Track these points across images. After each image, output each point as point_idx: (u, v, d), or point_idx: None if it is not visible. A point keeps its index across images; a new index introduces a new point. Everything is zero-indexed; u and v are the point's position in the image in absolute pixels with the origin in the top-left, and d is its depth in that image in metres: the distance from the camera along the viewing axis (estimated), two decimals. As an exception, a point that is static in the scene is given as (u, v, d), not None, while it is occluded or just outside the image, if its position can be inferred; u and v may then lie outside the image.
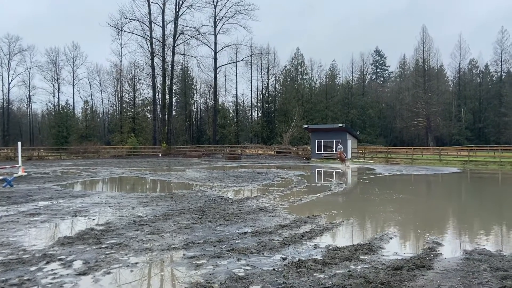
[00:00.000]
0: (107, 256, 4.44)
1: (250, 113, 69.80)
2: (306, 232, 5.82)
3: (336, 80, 68.87)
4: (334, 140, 32.63)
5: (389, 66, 75.52)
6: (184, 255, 4.56)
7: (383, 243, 5.27)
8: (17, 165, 18.14)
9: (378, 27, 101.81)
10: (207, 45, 53.20)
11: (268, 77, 64.65)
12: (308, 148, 37.27)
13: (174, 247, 4.87)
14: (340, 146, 24.55)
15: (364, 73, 71.01)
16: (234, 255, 4.53)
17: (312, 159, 33.67)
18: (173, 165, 26.22)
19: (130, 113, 58.37)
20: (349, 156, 30.87)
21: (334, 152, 29.65)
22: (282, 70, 65.82)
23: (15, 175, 14.88)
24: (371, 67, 73.87)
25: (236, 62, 60.63)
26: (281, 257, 4.48)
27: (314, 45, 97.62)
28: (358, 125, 61.02)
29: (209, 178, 15.49)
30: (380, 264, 4.28)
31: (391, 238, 5.60)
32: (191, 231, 5.78)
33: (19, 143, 19.99)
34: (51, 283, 3.53)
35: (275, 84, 65.64)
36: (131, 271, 4.02)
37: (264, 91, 65.63)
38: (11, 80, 61.51)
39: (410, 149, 34.70)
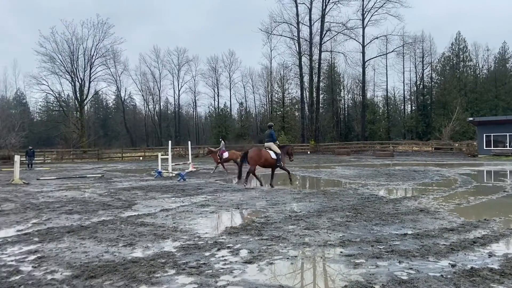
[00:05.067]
0: (269, 247, 4.71)
1: (402, 107, 65.49)
2: (478, 237, 5.15)
3: (507, 65, 59.25)
4: (508, 134, 28.13)
5: None
6: (341, 252, 4.53)
7: None
8: (188, 162, 20.81)
9: None
10: (354, 39, 52.09)
11: (423, 67, 59.70)
12: (474, 143, 33.07)
13: (330, 244, 4.89)
14: None
15: (547, 54, 59.33)
16: (394, 257, 4.30)
17: (479, 156, 29.70)
18: (322, 162, 26.41)
19: (280, 112, 61.05)
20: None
21: (508, 148, 25.58)
22: (439, 58, 59.92)
23: (186, 171, 17.08)
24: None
25: (386, 54, 57.73)
26: (449, 263, 4.06)
27: (479, 28, 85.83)
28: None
29: (360, 175, 15.10)
30: None
31: None
32: (346, 229, 5.71)
33: (189, 142, 22.88)
34: (223, 268, 3.92)
35: (431, 74, 60.20)
36: (292, 263, 4.19)
37: (418, 83, 60.80)
38: (180, 88, 70.96)
39: None
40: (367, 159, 30.48)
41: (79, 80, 55.23)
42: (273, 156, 11.51)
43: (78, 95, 55.85)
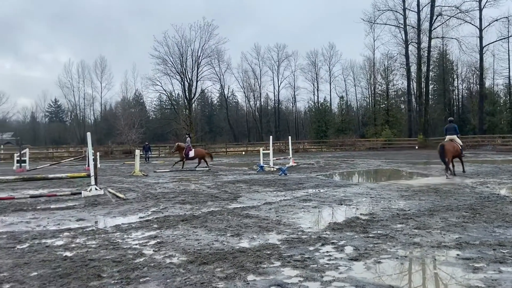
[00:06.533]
0: (375, 245, 4.53)
1: (529, 95, 57.44)
2: None
3: None
4: None
5: None
6: (457, 255, 4.16)
7: None
8: (288, 157, 21.05)
9: None
10: (469, 23, 47.09)
11: (555, 49, 51.50)
12: None
13: (445, 245, 4.51)
14: None
15: None
16: (523, 263, 3.80)
17: None
18: (432, 157, 24.51)
19: (384, 105, 58.17)
20: None
21: None
22: None
23: (287, 165, 17.28)
24: None
25: (508, 37, 51.02)
26: None
27: None
28: None
29: (477, 172, 13.66)
30: None
31: None
32: (463, 230, 5.22)
33: (289, 137, 23.09)
34: (328, 264, 3.87)
35: None
36: (401, 263, 3.97)
37: (549, 67, 52.67)
38: (280, 83, 71.94)
39: None
40: (486, 154, 27.45)
41: (188, 80, 59.48)
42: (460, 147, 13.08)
43: (187, 94, 60.24)
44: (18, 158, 21.27)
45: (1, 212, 7.40)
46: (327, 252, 4.30)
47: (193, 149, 19.21)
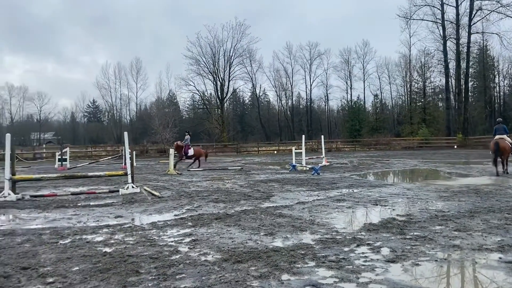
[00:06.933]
0: (413, 247, 4.41)
1: None
2: None
3: None
4: None
5: None
6: (500, 258, 3.98)
7: None
8: (321, 156, 20.85)
9: None
10: (511, 17, 44.81)
11: None
12: None
13: (486, 248, 4.33)
14: None
15: None
16: None
17: None
18: (472, 157, 23.58)
19: (420, 103, 56.59)
20: None
21: None
22: None
23: (320, 165, 17.11)
24: None
25: (553, 31, 48.18)
26: None
27: None
28: None
29: (522, 173, 13.02)
30: None
31: None
32: (506, 233, 4.99)
33: (322, 136, 22.88)
34: (363, 265, 3.80)
35: None
36: (440, 266, 3.84)
37: None
38: (312, 82, 71.31)
39: None
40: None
41: (220, 79, 60.19)
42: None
43: (219, 93, 60.95)
44: (60, 157, 22.23)
45: (45, 209, 7.75)
46: (363, 253, 4.23)
47: (192, 148, 19.25)
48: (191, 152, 19.00)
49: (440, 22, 47.20)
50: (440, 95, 57.15)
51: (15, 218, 6.91)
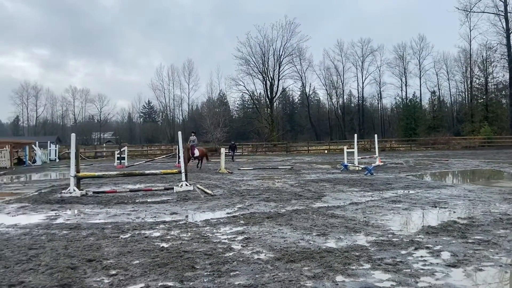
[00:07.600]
0: (476, 252, 4.16)
1: None
2: None
3: None
4: None
5: None
6: None
7: None
8: (374, 156, 20.27)
9: None
10: None
11: None
12: None
13: (560, 256, 3.99)
14: None
15: None
16: None
17: None
18: (542, 157, 21.82)
19: (482, 100, 53.23)
20: None
21: None
22: None
23: (373, 165, 16.63)
24: None
25: None
26: None
27: None
28: None
29: None
30: None
31: None
32: None
33: (375, 135, 22.24)
34: (422, 269, 3.64)
35: None
36: (505, 272, 3.60)
37: None
38: (364, 79, 69.54)
39: None
40: None
41: (269, 79, 60.38)
42: None
43: (268, 93, 61.15)
44: (118, 155, 23.40)
45: (106, 204, 8.20)
46: (421, 256, 4.05)
47: (197, 149, 19.22)
48: (197, 153, 19.06)
49: (503, 14, 44.21)
50: (503, 91, 53.26)
51: (80, 213, 7.38)
